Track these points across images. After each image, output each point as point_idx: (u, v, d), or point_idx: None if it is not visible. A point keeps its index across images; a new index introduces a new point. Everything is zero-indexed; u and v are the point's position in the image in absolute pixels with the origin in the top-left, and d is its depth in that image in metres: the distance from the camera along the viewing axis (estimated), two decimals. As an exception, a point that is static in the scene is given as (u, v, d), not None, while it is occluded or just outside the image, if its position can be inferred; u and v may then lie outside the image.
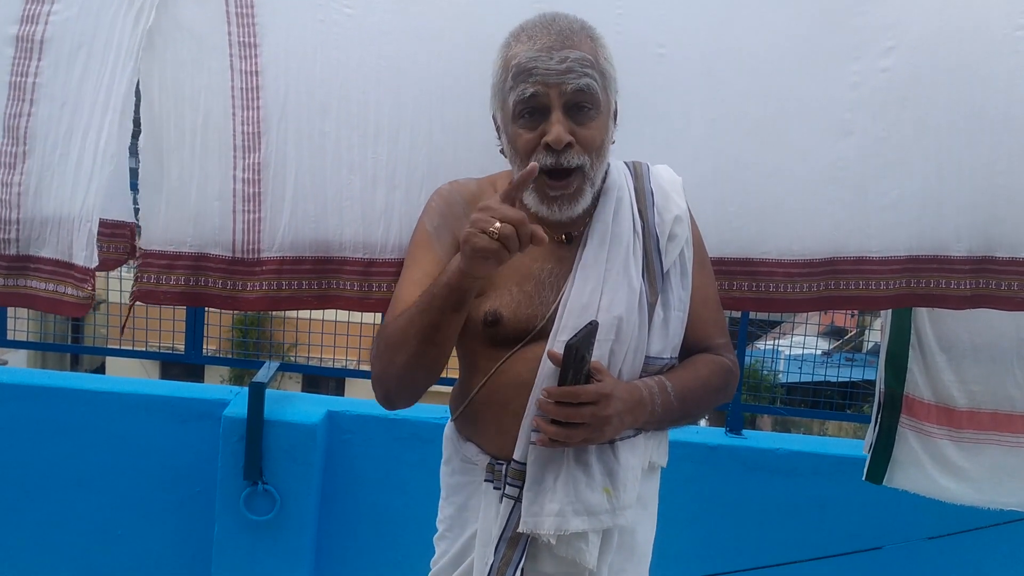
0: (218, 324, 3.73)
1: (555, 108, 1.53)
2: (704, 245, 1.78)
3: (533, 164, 1.43)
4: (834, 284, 2.00)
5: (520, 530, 1.56)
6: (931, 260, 2.00)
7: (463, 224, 1.64)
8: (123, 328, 2.01)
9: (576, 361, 1.44)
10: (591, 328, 1.48)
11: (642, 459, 1.65)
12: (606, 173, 1.68)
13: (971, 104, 1.95)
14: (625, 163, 1.75)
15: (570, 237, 1.66)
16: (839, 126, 1.94)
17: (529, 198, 1.60)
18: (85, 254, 1.75)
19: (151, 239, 1.86)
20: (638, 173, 1.73)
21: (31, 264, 1.82)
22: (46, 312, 1.84)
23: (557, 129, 1.52)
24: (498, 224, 1.38)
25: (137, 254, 1.88)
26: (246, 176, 1.85)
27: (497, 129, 1.68)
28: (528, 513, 1.55)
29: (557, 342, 1.56)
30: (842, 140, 1.94)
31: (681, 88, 1.92)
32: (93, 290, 1.77)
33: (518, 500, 1.57)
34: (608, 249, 1.63)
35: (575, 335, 1.44)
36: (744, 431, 3.16)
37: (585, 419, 1.47)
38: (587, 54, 1.55)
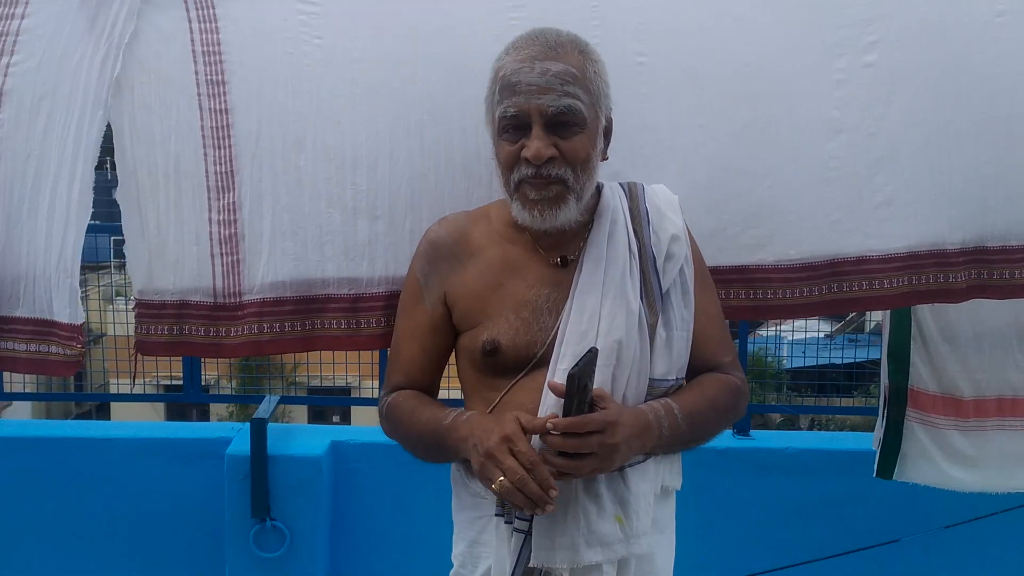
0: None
1: (535, 124, 1.52)
2: (704, 262, 1.75)
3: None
4: (837, 287, 1.95)
5: (532, 564, 1.53)
6: (928, 255, 1.96)
7: (451, 266, 1.65)
8: (133, 380, 1.97)
9: (579, 390, 1.41)
10: (591, 356, 1.45)
11: (654, 484, 1.61)
12: (600, 195, 1.66)
13: (956, 95, 1.92)
14: (620, 184, 1.72)
15: (565, 260, 1.64)
16: (828, 124, 1.90)
17: (515, 207, 1.59)
18: (69, 311, 1.71)
19: (141, 289, 1.82)
20: (633, 194, 1.71)
21: (5, 326, 1.77)
22: (30, 374, 1.80)
23: (535, 145, 1.51)
24: (501, 478, 1.41)
25: (132, 306, 1.84)
26: (221, 217, 1.81)
27: (492, 140, 1.66)
28: (539, 547, 1.52)
29: (559, 370, 1.54)
30: (832, 138, 1.91)
31: (666, 96, 1.89)
32: (83, 347, 1.73)
33: (528, 534, 1.54)
34: (604, 272, 1.60)
35: (576, 364, 1.41)
36: (752, 431, 3.13)
37: (593, 448, 1.43)
38: (572, 67, 1.52)
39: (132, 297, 1.84)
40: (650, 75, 1.86)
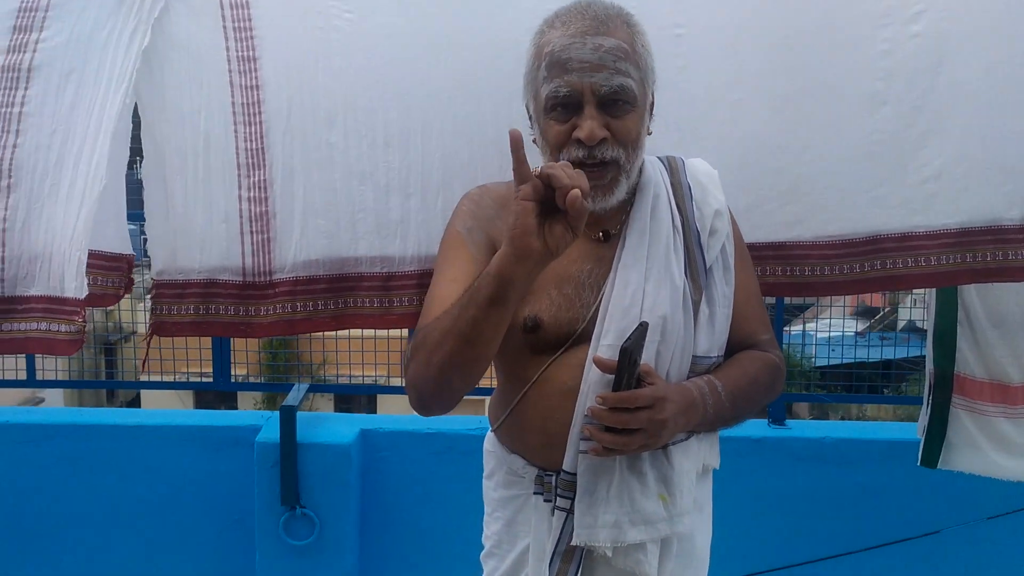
0: (245, 348, 3.69)
1: (588, 103, 1.46)
2: (742, 238, 1.71)
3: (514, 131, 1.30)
4: (880, 264, 1.90)
5: (574, 543, 1.51)
6: (985, 232, 1.89)
7: (495, 225, 1.58)
8: (145, 363, 1.93)
9: (630, 365, 1.38)
10: (642, 329, 1.42)
11: (696, 462, 1.59)
12: (641, 168, 1.61)
13: (1007, 64, 1.85)
14: (659, 158, 1.68)
15: (607, 235, 1.59)
16: (871, 97, 1.85)
17: None
18: (75, 284, 1.65)
19: (161, 269, 1.80)
20: (673, 168, 1.66)
21: (19, 305, 1.72)
22: (40, 354, 1.74)
23: (589, 124, 1.45)
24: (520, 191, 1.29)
25: (150, 286, 1.81)
26: (252, 195, 1.78)
27: (530, 118, 1.60)
28: (581, 525, 1.50)
29: (603, 346, 1.50)
30: (876, 111, 1.85)
31: (703, 69, 1.84)
32: (84, 322, 1.68)
33: (571, 512, 1.52)
34: (648, 246, 1.56)
35: (628, 338, 1.38)
36: (787, 421, 3.08)
37: (642, 424, 1.40)
38: (623, 42, 1.46)
39: (151, 278, 1.81)
40: (688, 47, 1.82)
